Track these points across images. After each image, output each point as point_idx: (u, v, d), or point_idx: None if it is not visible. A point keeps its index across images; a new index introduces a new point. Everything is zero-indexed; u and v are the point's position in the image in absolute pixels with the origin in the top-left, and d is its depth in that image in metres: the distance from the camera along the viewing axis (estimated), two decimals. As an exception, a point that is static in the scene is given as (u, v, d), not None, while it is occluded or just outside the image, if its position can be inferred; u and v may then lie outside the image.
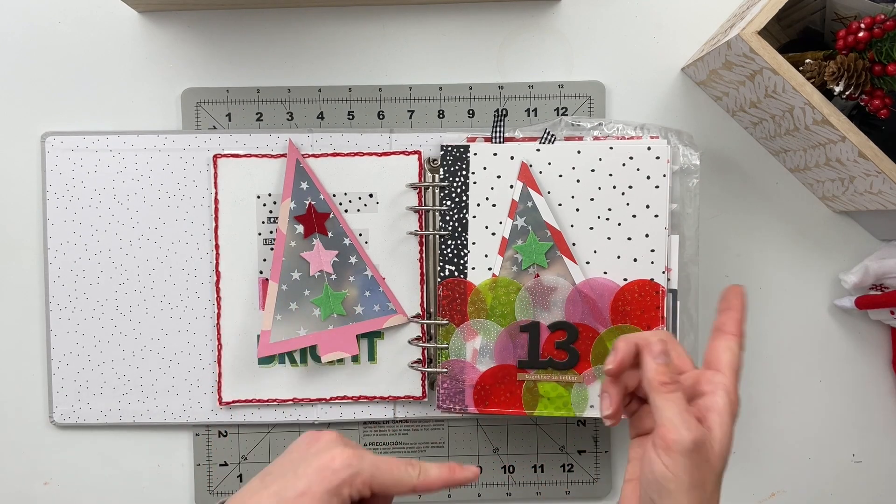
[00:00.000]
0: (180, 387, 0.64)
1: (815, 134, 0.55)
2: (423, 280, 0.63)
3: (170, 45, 0.65)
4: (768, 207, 0.66)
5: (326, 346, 0.62)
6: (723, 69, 0.58)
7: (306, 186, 0.62)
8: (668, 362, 0.44)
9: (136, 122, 0.65)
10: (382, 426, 0.65)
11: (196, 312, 0.64)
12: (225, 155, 0.63)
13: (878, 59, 0.51)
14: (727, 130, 0.65)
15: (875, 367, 0.66)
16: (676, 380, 0.44)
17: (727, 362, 0.46)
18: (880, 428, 0.66)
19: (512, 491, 0.65)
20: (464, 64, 0.65)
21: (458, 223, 0.60)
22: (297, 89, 0.65)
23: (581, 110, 0.65)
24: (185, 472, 0.65)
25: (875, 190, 0.55)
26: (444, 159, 0.60)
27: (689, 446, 0.41)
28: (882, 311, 0.62)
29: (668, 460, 0.41)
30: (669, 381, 0.43)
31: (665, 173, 0.58)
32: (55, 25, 0.65)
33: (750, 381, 0.66)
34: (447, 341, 0.60)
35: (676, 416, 0.42)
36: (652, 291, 0.59)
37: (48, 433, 0.65)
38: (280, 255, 0.62)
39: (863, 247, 0.65)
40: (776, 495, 0.66)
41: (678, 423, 0.41)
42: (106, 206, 0.64)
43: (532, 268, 0.59)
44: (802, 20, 0.59)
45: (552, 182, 0.59)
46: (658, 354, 0.44)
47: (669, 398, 0.43)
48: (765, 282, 0.66)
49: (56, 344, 0.64)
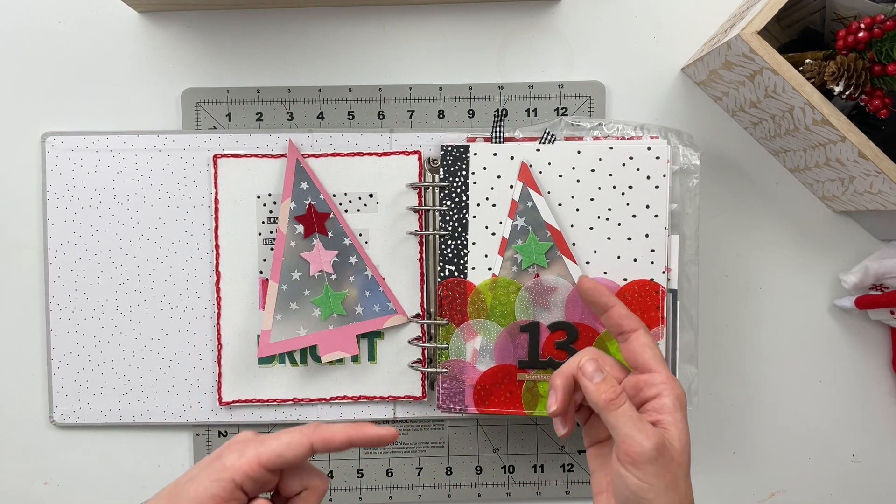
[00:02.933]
0: (180, 387, 0.64)
1: (815, 134, 0.55)
2: (423, 280, 0.63)
3: (170, 45, 0.65)
4: (768, 207, 0.66)
5: (326, 346, 0.62)
6: (723, 69, 0.58)
7: (306, 186, 0.62)
8: (605, 377, 0.45)
9: (136, 122, 0.65)
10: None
11: (196, 312, 0.64)
12: (225, 155, 0.63)
13: (878, 59, 0.51)
14: (727, 130, 0.65)
15: (875, 367, 0.66)
16: (620, 390, 0.44)
17: (652, 358, 0.47)
18: (880, 428, 0.66)
19: (512, 491, 0.65)
20: (464, 64, 0.65)
21: (458, 223, 0.60)
22: (297, 89, 0.65)
23: (581, 110, 0.65)
24: (185, 472, 0.65)
25: (875, 190, 0.55)
26: (444, 159, 0.60)
27: (653, 453, 0.42)
28: (882, 311, 0.62)
29: (638, 472, 0.42)
30: (614, 395, 0.44)
31: (665, 173, 0.58)
32: (55, 25, 0.65)
33: (750, 381, 0.66)
34: (447, 341, 0.60)
35: (632, 429, 0.43)
36: (652, 291, 0.59)
37: (48, 433, 0.65)
38: (280, 255, 0.62)
39: (863, 247, 0.65)
40: (776, 495, 0.66)
41: (636, 434, 0.42)
42: (106, 206, 0.64)
43: (532, 268, 0.59)
44: (802, 20, 0.59)
45: (552, 182, 0.59)
46: (592, 375, 0.45)
47: (620, 413, 0.43)
48: (765, 282, 0.66)
49: (56, 344, 0.64)
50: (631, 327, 0.48)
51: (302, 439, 0.42)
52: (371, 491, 0.65)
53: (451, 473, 0.65)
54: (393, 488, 0.65)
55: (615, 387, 0.45)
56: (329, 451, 0.45)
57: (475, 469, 0.65)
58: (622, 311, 0.49)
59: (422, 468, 0.65)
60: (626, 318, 0.49)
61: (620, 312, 0.49)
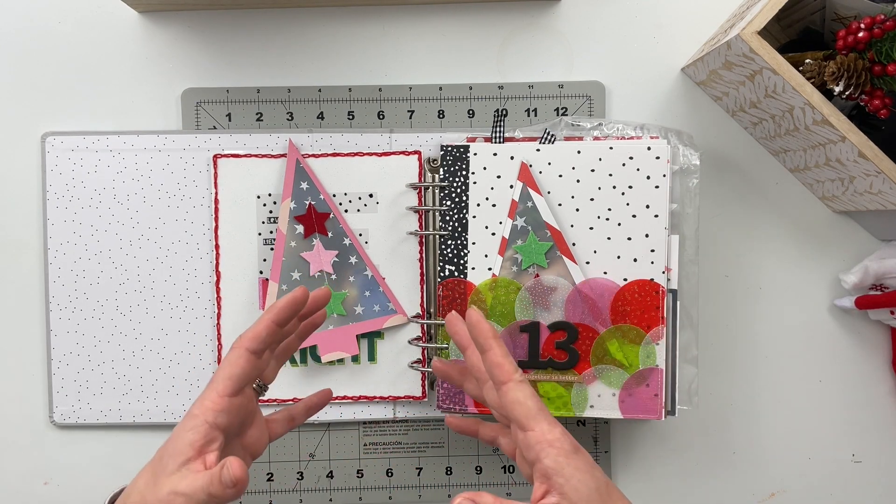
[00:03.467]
0: (180, 387, 0.64)
1: (815, 134, 0.55)
2: (423, 280, 0.63)
3: (170, 45, 0.65)
4: (768, 207, 0.66)
5: (326, 346, 0.62)
6: (723, 69, 0.58)
7: (306, 186, 0.62)
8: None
9: (136, 122, 0.65)
10: (382, 426, 0.65)
11: (196, 312, 0.64)
12: (225, 155, 0.63)
13: (878, 59, 0.51)
14: (727, 130, 0.65)
15: (875, 367, 0.66)
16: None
17: (524, 416, 0.43)
18: (880, 428, 0.66)
19: (512, 491, 0.65)
20: (464, 64, 0.65)
21: (458, 223, 0.60)
22: (297, 89, 0.65)
23: (581, 110, 0.65)
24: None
25: (875, 190, 0.55)
26: (444, 159, 0.60)
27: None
28: (882, 311, 0.62)
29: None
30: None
31: (665, 173, 0.58)
32: (55, 25, 0.65)
33: (750, 380, 0.66)
34: (447, 341, 0.60)
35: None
36: (652, 291, 0.59)
37: (48, 433, 0.65)
38: (280, 255, 0.62)
39: (863, 247, 0.65)
40: (776, 495, 0.66)
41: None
42: (106, 206, 0.64)
43: (532, 268, 0.59)
44: (802, 20, 0.59)
45: (552, 182, 0.59)
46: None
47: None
48: (765, 282, 0.66)
49: (56, 344, 0.64)
50: (504, 378, 0.44)
51: (237, 353, 0.44)
52: (371, 491, 0.65)
53: (451, 473, 0.65)
54: (393, 488, 0.65)
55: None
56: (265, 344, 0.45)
57: (475, 469, 0.65)
58: (496, 359, 0.44)
59: (422, 468, 0.65)
60: (498, 367, 0.44)
61: (499, 358, 0.44)
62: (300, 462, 0.65)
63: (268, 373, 0.49)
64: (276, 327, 0.45)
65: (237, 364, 0.44)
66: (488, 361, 0.45)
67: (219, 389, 0.43)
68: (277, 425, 0.51)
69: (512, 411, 0.43)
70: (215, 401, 0.43)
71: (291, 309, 0.45)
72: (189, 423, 0.42)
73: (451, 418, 0.54)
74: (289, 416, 0.52)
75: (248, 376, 0.44)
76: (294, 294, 0.45)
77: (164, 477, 0.41)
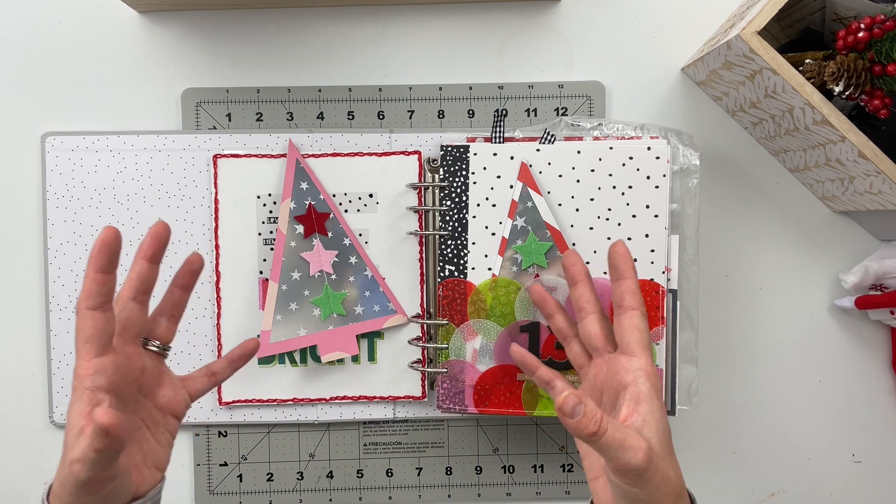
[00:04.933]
0: (180, 387, 0.64)
1: (815, 134, 0.55)
2: (423, 280, 0.63)
3: (170, 45, 0.65)
4: (768, 207, 0.66)
5: (326, 346, 0.62)
6: (723, 69, 0.58)
7: (306, 186, 0.62)
8: (585, 410, 0.41)
9: (136, 122, 0.65)
10: (382, 426, 0.65)
11: (196, 312, 0.64)
12: (225, 155, 0.63)
13: (878, 59, 0.51)
14: (727, 130, 0.65)
15: (875, 367, 0.66)
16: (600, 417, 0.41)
17: (637, 342, 0.47)
18: (880, 428, 0.66)
19: (512, 491, 0.65)
20: (464, 64, 0.65)
21: (458, 223, 0.60)
22: (297, 89, 0.65)
23: (581, 110, 0.65)
24: (185, 472, 0.65)
25: (875, 190, 0.55)
26: (444, 159, 0.60)
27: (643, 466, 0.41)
28: (882, 311, 0.62)
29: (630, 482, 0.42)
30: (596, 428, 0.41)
31: (665, 173, 0.58)
32: (55, 25, 0.65)
33: (750, 380, 0.66)
34: (447, 341, 0.60)
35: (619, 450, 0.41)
36: (652, 291, 0.59)
37: (48, 433, 0.65)
38: (280, 255, 0.62)
39: (863, 247, 0.65)
40: (776, 495, 0.66)
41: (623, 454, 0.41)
42: (106, 206, 0.64)
43: (532, 268, 0.59)
44: (802, 20, 0.59)
45: (552, 182, 0.59)
46: (573, 412, 0.41)
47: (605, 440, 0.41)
48: (765, 282, 0.66)
49: (56, 344, 0.64)
50: (630, 305, 0.48)
51: (78, 316, 0.43)
52: (371, 491, 0.65)
53: (451, 473, 0.65)
54: (393, 488, 0.65)
55: (596, 416, 0.41)
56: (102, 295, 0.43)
57: (475, 469, 0.65)
58: (633, 286, 0.49)
59: (422, 468, 0.65)
60: (632, 294, 0.49)
61: (632, 287, 0.49)
62: (300, 462, 0.65)
63: (161, 331, 0.49)
64: (99, 275, 0.43)
65: (84, 326, 0.43)
66: (623, 287, 0.49)
67: (81, 355, 0.43)
68: (196, 382, 0.50)
69: (628, 334, 0.47)
70: (84, 366, 0.43)
71: (104, 253, 0.43)
72: (73, 397, 0.43)
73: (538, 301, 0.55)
74: (209, 372, 0.51)
75: (103, 331, 0.43)
76: (101, 236, 0.43)
77: (67, 452, 0.42)
